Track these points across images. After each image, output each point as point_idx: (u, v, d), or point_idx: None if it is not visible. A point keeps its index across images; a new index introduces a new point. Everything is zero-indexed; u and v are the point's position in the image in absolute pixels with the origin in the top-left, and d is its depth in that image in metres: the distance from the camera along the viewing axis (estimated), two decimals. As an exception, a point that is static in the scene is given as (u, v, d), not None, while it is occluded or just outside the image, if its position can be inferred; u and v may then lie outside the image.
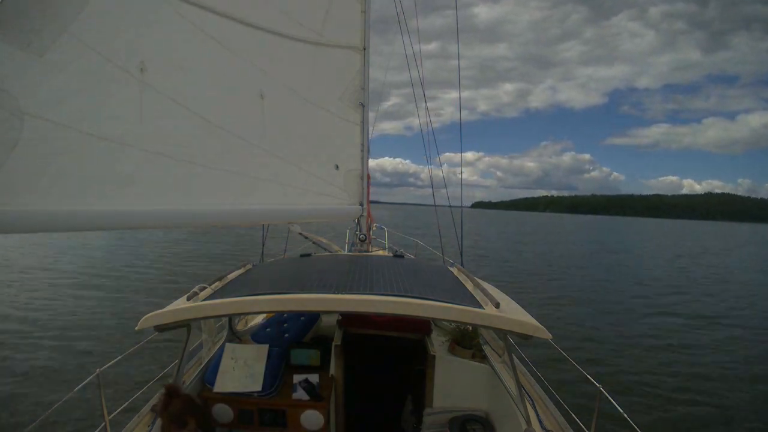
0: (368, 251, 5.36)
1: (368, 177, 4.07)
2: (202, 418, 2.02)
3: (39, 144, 1.37)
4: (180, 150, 1.95)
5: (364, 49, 3.49)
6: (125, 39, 1.65)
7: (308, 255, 3.41)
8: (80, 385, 2.18)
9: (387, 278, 2.19)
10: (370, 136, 3.80)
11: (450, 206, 5.07)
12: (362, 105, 3.58)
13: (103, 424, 2.12)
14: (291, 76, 2.75)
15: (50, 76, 1.39)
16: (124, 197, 1.72)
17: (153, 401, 2.33)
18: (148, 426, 2.13)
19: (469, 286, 2.28)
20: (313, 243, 5.66)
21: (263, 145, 2.49)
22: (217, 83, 2.16)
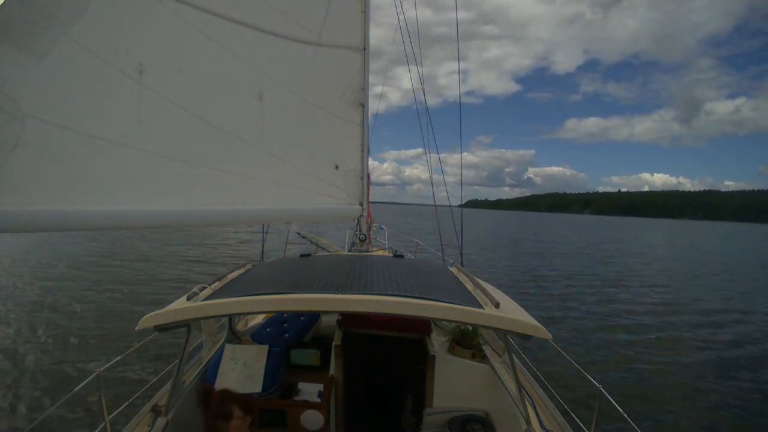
0: (368, 251, 5.36)
1: (368, 177, 4.07)
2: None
3: (39, 145, 1.39)
4: (179, 150, 1.96)
5: (364, 49, 3.49)
6: (124, 41, 1.67)
7: (308, 255, 3.41)
8: (80, 385, 2.18)
9: (387, 278, 2.19)
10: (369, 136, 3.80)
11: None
12: (362, 105, 3.58)
13: (103, 424, 2.12)
14: (290, 76, 2.75)
15: (50, 79, 1.41)
16: (123, 197, 1.73)
17: (153, 401, 2.33)
18: (148, 426, 2.13)
19: (469, 286, 2.28)
20: (313, 243, 5.66)
21: (262, 146, 2.50)
22: (216, 84, 2.17)
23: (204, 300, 1.97)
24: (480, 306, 1.84)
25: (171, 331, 1.96)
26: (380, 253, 6.08)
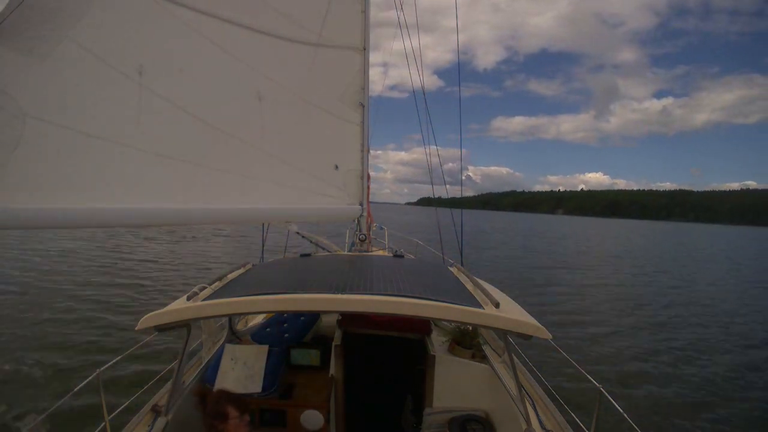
0: (368, 251, 5.37)
1: (368, 177, 4.07)
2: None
3: (40, 144, 1.41)
4: (179, 150, 1.98)
5: (364, 49, 3.49)
6: (124, 43, 1.69)
7: (308, 255, 3.42)
8: (80, 385, 2.18)
9: (387, 278, 2.19)
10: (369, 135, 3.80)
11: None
12: (362, 105, 3.59)
13: (103, 424, 2.12)
14: (290, 77, 2.76)
15: (51, 80, 1.43)
16: (124, 196, 1.75)
17: (153, 401, 2.33)
18: (148, 426, 2.14)
19: (469, 286, 2.28)
20: (313, 243, 5.66)
21: (262, 146, 2.50)
22: (215, 85, 2.19)
23: (204, 300, 1.97)
24: (480, 306, 1.84)
25: (171, 331, 1.96)
26: (380, 253, 6.08)
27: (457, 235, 4.86)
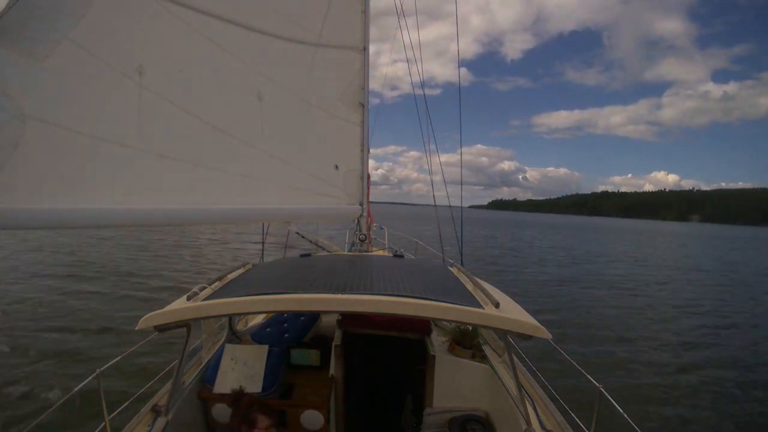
0: (368, 251, 5.37)
1: (368, 177, 4.07)
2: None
3: (40, 145, 1.40)
4: (179, 151, 1.98)
5: (364, 49, 3.49)
6: (124, 43, 1.68)
7: (308, 255, 3.41)
8: (80, 385, 2.18)
9: (387, 278, 2.19)
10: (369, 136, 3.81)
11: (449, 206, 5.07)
12: (362, 105, 3.59)
13: (102, 424, 2.12)
14: (290, 77, 2.76)
15: (51, 81, 1.43)
16: (124, 196, 1.74)
17: (153, 401, 2.34)
18: (148, 426, 2.14)
19: (469, 286, 2.28)
20: (313, 243, 5.66)
21: (262, 146, 2.51)
22: (215, 85, 2.18)
23: (204, 300, 1.97)
24: (480, 306, 1.84)
25: (171, 331, 1.96)
26: (380, 253, 6.08)
27: (457, 234, 4.86)
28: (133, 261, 14.18)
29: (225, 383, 2.66)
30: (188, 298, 1.98)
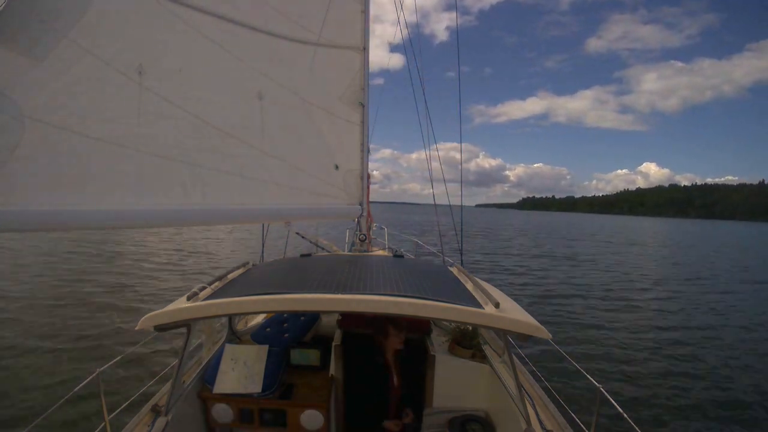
0: (368, 251, 5.37)
1: (368, 177, 4.07)
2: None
3: (39, 146, 1.40)
4: (179, 151, 1.97)
5: (364, 49, 3.49)
6: (123, 43, 1.68)
7: (308, 255, 3.41)
8: (80, 385, 2.18)
9: (387, 278, 2.19)
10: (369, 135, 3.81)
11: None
12: (362, 105, 3.59)
13: (102, 424, 2.12)
14: (290, 77, 2.76)
15: (50, 81, 1.42)
16: (123, 197, 1.74)
17: (153, 401, 2.34)
18: (148, 426, 2.14)
19: (469, 286, 2.28)
20: (313, 243, 5.67)
21: (262, 146, 2.51)
22: (215, 85, 2.18)
23: (204, 300, 1.97)
24: (480, 306, 1.84)
25: (171, 331, 1.96)
26: (380, 253, 6.08)
27: (457, 235, 4.86)
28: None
29: (225, 383, 2.66)
30: (188, 298, 1.97)
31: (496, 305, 1.81)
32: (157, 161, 1.86)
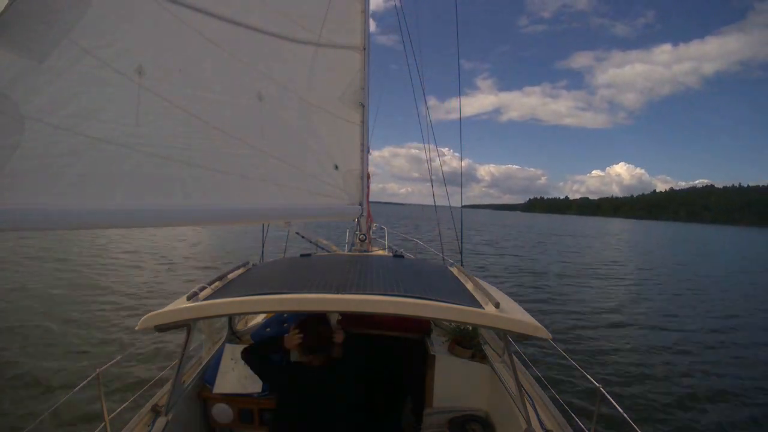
0: (368, 251, 5.37)
1: (368, 177, 4.07)
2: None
3: (39, 146, 1.40)
4: (179, 151, 1.97)
5: (364, 49, 3.49)
6: (123, 44, 1.68)
7: (308, 255, 3.41)
8: (80, 385, 2.18)
9: (387, 278, 2.19)
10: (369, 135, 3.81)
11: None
12: (362, 105, 3.59)
13: (102, 424, 2.12)
14: (290, 77, 2.76)
15: (50, 81, 1.42)
16: (123, 197, 1.74)
17: (153, 401, 2.34)
18: (148, 426, 2.14)
19: (469, 286, 2.28)
20: (313, 243, 5.66)
21: (263, 146, 2.50)
22: (215, 85, 2.18)
23: (204, 300, 1.97)
24: (480, 306, 1.84)
25: (171, 331, 1.96)
26: (380, 253, 6.08)
27: (457, 234, 4.86)
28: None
29: (225, 383, 2.66)
30: (188, 298, 1.97)
31: (496, 305, 1.81)
32: (157, 161, 1.85)
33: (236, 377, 2.70)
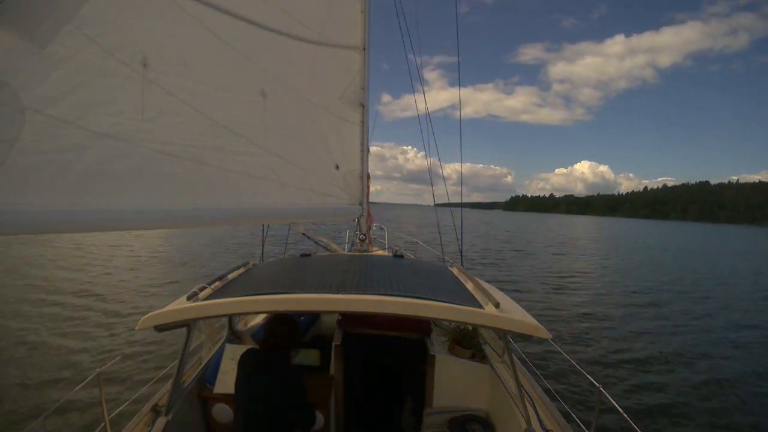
0: (368, 251, 5.37)
1: (368, 177, 4.07)
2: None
3: (40, 140, 1.33)
4: (181, 148, 1.92)
5: (364, 49, 3.49)
6: (127, 33, 1.61)
7: (308, 255, 3.41)
8: (80, 385, 2.18)
9: (387, 278, 2.19)
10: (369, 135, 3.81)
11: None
12: (362, 105, 3.59)
13: (102, 424, 2.12)
14: (292, 75, 2.74)
15: (51, 70, 1.34)
16: (124, 196, 1.68)
17: (153, 401, 2.34)
18: (148, 426, 2.13)
19: (469, 286, 2.28)
20: (313, 242, 5.67)
21: (264, 144, 2.48)
22: (219, 80, 2.13)
23: (204, 300, 1.96)
24: (480, 306, 1.84)
25: (171, 331, 1.95)
26: (380, 253, 6.08)
27: (457, 234, 4.86)
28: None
29: (225, 383, 2.65)
30: (188, 298, 1.97)
31: (497, 305, 1.81)
32: (160, 159, 1.79)
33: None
